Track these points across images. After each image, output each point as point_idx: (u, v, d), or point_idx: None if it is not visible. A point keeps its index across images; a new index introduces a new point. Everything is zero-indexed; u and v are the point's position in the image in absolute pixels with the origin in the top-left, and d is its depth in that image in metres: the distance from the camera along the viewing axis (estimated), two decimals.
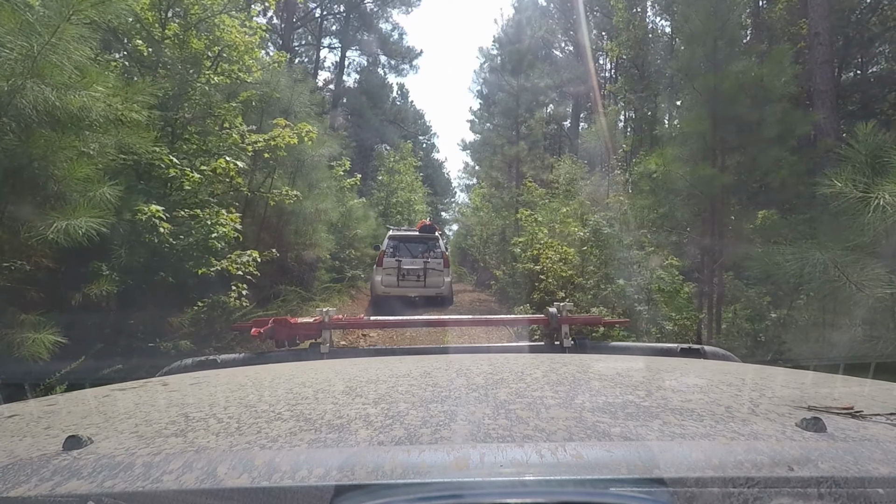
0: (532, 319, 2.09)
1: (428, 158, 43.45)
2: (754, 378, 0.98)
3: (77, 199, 2.98)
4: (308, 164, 8.73)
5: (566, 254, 7.46)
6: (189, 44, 6.00)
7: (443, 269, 9.79)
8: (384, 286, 9.50)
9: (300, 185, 8.68)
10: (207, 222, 4.59)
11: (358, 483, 0.49)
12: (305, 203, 8.27)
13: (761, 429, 0.62)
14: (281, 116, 7.30)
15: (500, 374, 0.95)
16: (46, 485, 0.51)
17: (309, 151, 8.50)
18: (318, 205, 8.51)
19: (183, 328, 4.83)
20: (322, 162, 8.91)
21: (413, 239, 10.28)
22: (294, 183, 8.75)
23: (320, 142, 8.47)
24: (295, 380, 0.98)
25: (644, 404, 0.73)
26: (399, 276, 9.50)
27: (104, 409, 0.83)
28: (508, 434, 0.60)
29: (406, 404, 0.74)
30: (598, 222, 6.17)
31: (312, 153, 8.63)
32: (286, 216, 8.41)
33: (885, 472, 0.52)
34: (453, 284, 11.72)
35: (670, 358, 1.38)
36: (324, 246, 9.39)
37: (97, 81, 3.04)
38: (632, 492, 0.49)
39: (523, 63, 15.02)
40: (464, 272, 21.83)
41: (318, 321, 1.65)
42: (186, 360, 1.40)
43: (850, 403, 0.74)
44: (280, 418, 0.69)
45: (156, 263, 4.38)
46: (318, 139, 8.47)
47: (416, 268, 9.60)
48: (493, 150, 15.23)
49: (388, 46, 25.71)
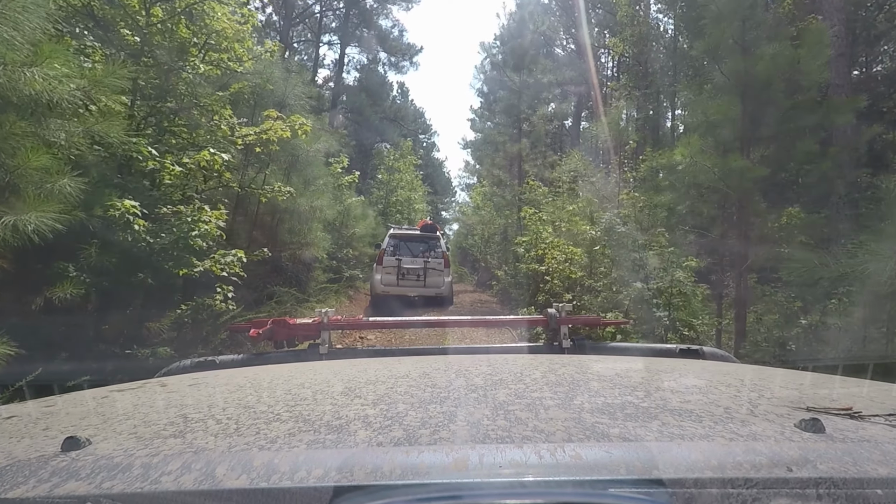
0: (531, 320, 2.07)
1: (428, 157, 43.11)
2: (753, 379, 0.98)
3: (30, 191, 2.63)
4: (303, 159, 8.37)
5: (573, 254, 7.11)
6: (175, 31, 5.66)
7: (443, 268, 9.65)
8: (383, 285, 9.38)
9: (295, 182, 8.33)
10: (188, 219, 4.23)
11: (357, 484, 0.49)
12: (300, 200, 7.91)
13: (760, 430, 0.62)
14: (275, 109, 6.95)
15: (499, 375, 0.94)
16: (45, 486, 0.51)
17: (304, 146, 8.15)
18: (314, 202, 8.15)
19: (163, 333, 4.47)
20: (318, 158, 8.55)
21: (414, 238, 10.14)
22: (289, 179, 8.40)
23: (315, 136, 8.12)
24: (294, 381, 0.98)
25: (643, 405, 0.73)
26: (399, 276, 9.38)
27: (102, 410, 0.82)
28: (507, 435, 0.60)
29: (405, 405, 0.74)
30: (611, 220, 5.81)
31: (308, 148, 8.27)
32: (280, 214, 8.06)
33: (883, 472, 0.52)
34: (454, 284, 11.49)
35: (669, 359, 1.37)
36: (320, 245, 9.03)
37: (54, 59, 2.69)
38: (631, 493, 0.49)
39: (525, 59, 14.66)
40: (464, 272, 21.45)
41: (317, 322, 1.63)
42: (185, 361, 1.39)
43: (849, 404, 0.73)
44: (279, 419, 0.69)
45: (133, 264, 4.03)
46: (313, 134, 8.11)
47: (417, 267, 9.48)
48: (494, 147, 14.86)
49: (387, 43, 25.35)
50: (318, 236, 8.73)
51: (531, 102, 14.68)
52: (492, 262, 15.91)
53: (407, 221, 21.99)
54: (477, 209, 18.49)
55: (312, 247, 8.66)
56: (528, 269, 8.08)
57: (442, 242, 10.36)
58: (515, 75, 14.63)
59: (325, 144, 8.71)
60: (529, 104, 14.62)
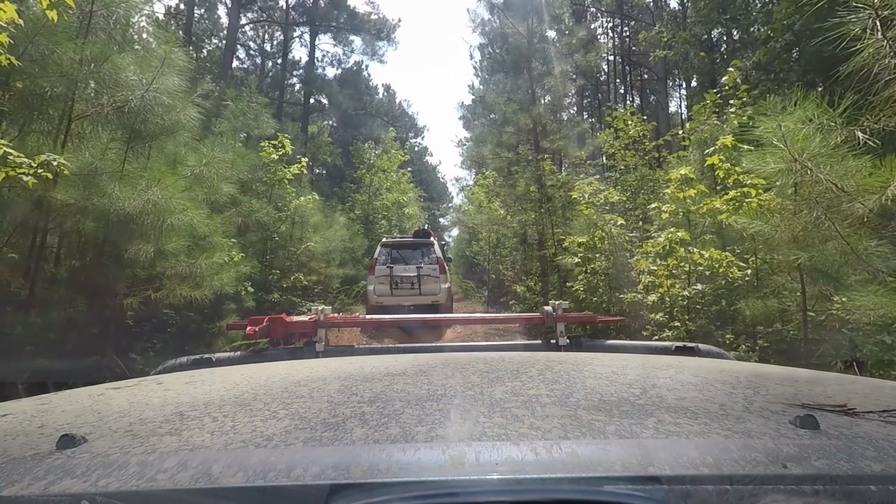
0: (528, 318, 2.19)
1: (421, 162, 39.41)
2: (748, 376, 0.97)
3: None
4: (168, 120, 4.46)
5: (720, 263, 3.17)
6: None
7: (439, 275, 9.05)
8: (377, 296, 8.82)
9: (157, 162, 4.47)
10: None
11: (353, 482, 0.49)
12: (170, 194, 4.02)
13: (756, 426, 0.62)
14: None
15: (496, 373, 0.94)
16: (40, 484, 0.50)
17: (165, 100, 4.27)
18: (175, 199, 4.15)
19: None
20: (190, 120, 4.61)
21: (406, 245, 9.50)
22: (148, 158, 4.53)
23: (173, 67, 4.21)
24: (290, 378, 0.97)
25: (639, 402, 0.73)
26: (392, 285, 8.83)
27: (98, 407, 0.81)
28: (504, 432, 0.60)
29: (401, 403, 0.74)
30: None
31: (172, 103, 4.38)
32: (120, 226, 4.09)
33: (878, 469, 0.52)
34: (456, 302, 10.66)
35: (665, 356, 1.35)
36: (224, 275, 5.06)
37: None
38: (627, 489, 0.48)
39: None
40: (470, 286, 17.27)
41: (314, 319, 1.65)
42: (181, 359, 1.38)
43: (844, 401, 0.74)
44: (275, 417, 0.68)
45: None
46: (171, 61, 4.22)
47: (410, 275, 8.93)
48: (501, 120, 10.92)
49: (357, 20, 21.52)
50: (212, 263, 4.77)
51: (544, 56, 10.79)
52: (507, 275, 11.99)
53: (397, 230, 18.13)
54: (480, 208, 14.52)
55: (203, 281, 4.68)
56: (630, 300, 4.11)
57: (436, 248, 9.59)
58: (520, 25, 10.78)
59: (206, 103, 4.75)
60: (543, 58, 10.72)
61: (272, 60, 25.09)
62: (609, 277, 4.67)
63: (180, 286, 4.26)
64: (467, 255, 19.54)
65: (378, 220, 16.70)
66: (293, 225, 8.42)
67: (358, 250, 12.97)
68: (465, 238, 20.75)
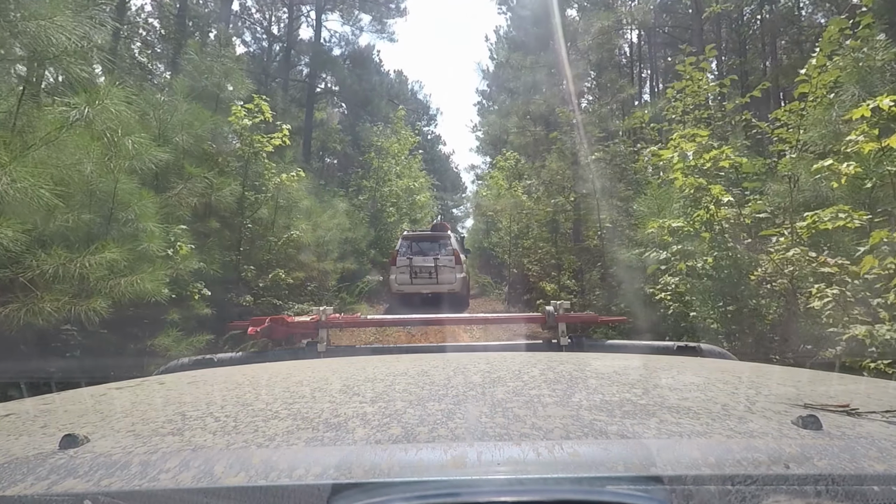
0: (529, 318, 2.20)
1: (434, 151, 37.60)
2: (751, 376, 0.96)
3: None
4: None
5: None
6: None
7: (454, 265, 9.75)
8: (398, 284, 9.67)
9: None
10: None
11: (355, 481, 0.49)
12: None
13: (758, 427, 0.62)
14: None
15: (498, 373, 0.94)
16: (43, 484, 0.50)
17: None
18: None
19: None
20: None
21: (424, 238, 10.35)
22: None
23: None
24: (292, 378, 0.97)
25: (641, 402, 0.72)
26: (412, 274, 9.65)
27: (101, 407, 0.81)
28: (506, 432, 0.59)
29: (403, 403, 0.73)
30: None
31: None
32: None
33: (880, 469, 0.51)
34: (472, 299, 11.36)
35: (667, 356, 1.34)
36: (116, 280, 3.48)
37: None
38: (629, 490, 0.48)
39: None
40: (487, 282, 15.53)
41: (315, 320, 1.64)
42: (183, 359, 1.38)
43: (847, 401, 0.72)
44: (277, 417, 0.68)
45: None
46: None
47: (428, 265, 9.69)
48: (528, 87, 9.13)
49: None
50: (114, 259, 3.17)
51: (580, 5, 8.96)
52: (533, 270, 10.30)
53: (409, 220, 16.50)
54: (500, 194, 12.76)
55: (98, 285, 3.11)
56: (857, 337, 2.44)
57: (452, 240, 10.29)
58: None
59: None
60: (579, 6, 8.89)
61: (280, 44, 23.45)
62: (723, 282, 3.02)
63: (46, 295, 2.67)
64: (484, 246, 17.79)
65: (387, 208, 15.06)
66: (276, 210, 6.82)
67: (361, 241, 11.36)
68: (481, 228, 18.99)
